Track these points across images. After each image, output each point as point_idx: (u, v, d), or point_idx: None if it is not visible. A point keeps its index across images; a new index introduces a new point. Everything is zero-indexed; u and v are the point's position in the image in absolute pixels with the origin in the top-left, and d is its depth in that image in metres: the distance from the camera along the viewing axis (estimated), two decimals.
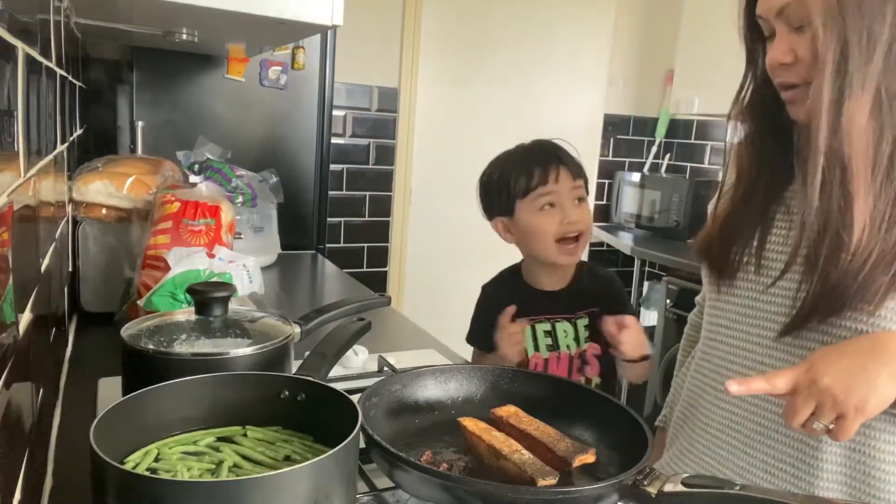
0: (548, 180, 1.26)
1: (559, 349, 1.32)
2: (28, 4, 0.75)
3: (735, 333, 0.93)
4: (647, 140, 3.70)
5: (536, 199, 1.27)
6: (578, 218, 1.27)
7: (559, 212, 1.27)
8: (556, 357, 1.32)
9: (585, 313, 1.33)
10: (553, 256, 1.29)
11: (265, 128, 2.35)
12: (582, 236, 1.29)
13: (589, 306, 1.33)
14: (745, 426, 0.91)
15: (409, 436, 0.81)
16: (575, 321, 1.33)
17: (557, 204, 1.27)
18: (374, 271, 3.15)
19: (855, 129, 0.75)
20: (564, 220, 1.26)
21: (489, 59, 3.22)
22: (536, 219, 1.27)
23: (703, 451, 0.98)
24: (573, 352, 1.32)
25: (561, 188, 1.27)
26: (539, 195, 1.27)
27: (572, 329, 1.32)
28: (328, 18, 1.20)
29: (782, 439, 0.87)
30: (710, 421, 0.97)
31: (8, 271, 0.57)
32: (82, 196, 1.40)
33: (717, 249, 0.95)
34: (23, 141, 0.68)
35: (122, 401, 0.66)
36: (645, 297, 3.54)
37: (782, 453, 0.87)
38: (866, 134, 0.76)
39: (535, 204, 1.27)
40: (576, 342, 1.32)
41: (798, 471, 0.86)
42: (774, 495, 0.61)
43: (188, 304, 1.01)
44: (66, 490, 0.80)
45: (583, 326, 1.33)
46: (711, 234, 0.96)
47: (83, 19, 1.46)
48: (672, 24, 3.29)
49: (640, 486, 0.64)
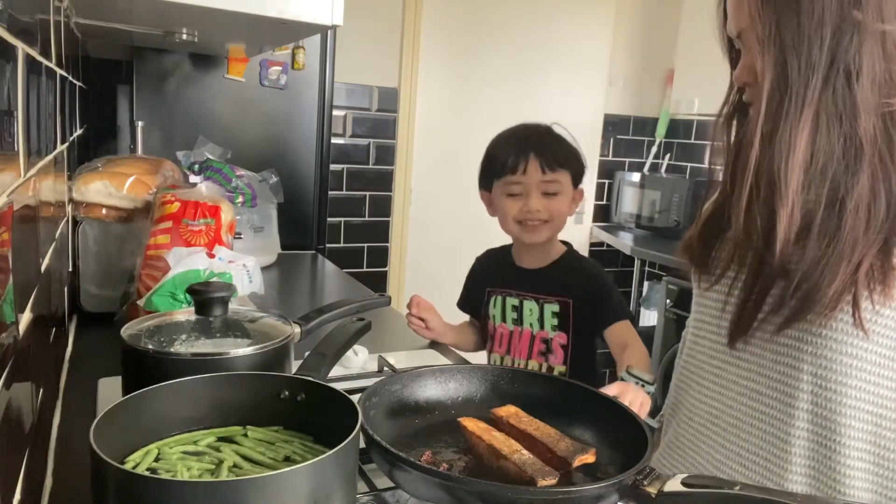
0: (517, 170, 1.36)
1: (522, 325, 1.42)
2: (28, 4, 0.75)
3: (716, 329, 0.95)
4: (647, 140, 3.70)
5: (506, 185, 1.38)
6: (540, 208, 1.35)
7: (523, 200, 1.36)
8: (518, 332, 1.43)
9: (556, 300, 1.39)
10: (515, 232, 1.41)
11: (265, 128, 2.35)
12: (547, 222, 1.37)
13: (560, 293, 1.39)
14: (724, 420, 0.94)
15: (409, 436, 0.81)
16: (543, 303, 1.40)
17: (523, 193, 1.36)
18: (374, 271, 3.15)
19: (790, 150, 0.77)
20: (524, 209, 1.36)
21: (489, 59, 3.22)
22: (504, 202, 1.39)
23: (687, 446, 1.00)
24: (535, 331, 1.41)
25: (528, 179, 1.35)
26: (508, 182, 1.38)
27: (538, 309, 1.41)
28: (328, 18, 1.20)
29: (756, 433, 0.90)
30: (692, 415, 0.99)
31: (8, 271, 0.57)
32: (82, 196, 1.40)
33: (697, 248, 0.98)
34: (23, 141, 0.68)
35: (122, 401, 0.66)
36: (645, 297, 3.55)
37: (756, 446, 0.90)
38: (803, 154, 0.78)
39: (505, 189, 1.39)
40: (539, 323, 1.41)
41: (770, 464, 0.88)
42: (774, 495, 0.61)
43: (188, 304, 1.01)
44: (66, 490, 0.80)
45: (550, 312, 1.39)
46: (693, 234, 1.00)
47: (83, 19, 1.46)
48: (672, 24, 3.30)
49: (640, 486, 0.64)
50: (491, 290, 1.47)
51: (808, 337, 0.83)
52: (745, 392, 0.91)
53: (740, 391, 0.91)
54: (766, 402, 0.88)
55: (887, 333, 0.80)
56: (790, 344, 0.85)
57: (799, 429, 0.85)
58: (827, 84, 0.77)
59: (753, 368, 0.89)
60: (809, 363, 0.83)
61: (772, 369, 0.87)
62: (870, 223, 0.78)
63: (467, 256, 1.61)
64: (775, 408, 0.87)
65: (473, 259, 1.59)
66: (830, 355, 0.82)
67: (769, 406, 0.88)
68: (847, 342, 0.80)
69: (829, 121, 0.77)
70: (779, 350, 0.86)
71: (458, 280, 1.59)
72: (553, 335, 1.39)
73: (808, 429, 0.85)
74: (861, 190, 0.77)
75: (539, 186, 1.35)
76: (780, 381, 0.86)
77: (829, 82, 0.77)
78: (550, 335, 1.39)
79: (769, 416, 0.88)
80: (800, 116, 0.77)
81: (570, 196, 1.39)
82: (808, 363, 0.83)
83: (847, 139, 0.78)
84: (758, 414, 0.89)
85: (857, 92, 0.77)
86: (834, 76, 0.77)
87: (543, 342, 1.40)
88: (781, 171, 0.78)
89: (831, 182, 0.78)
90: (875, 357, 0.81)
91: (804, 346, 0.83)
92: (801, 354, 0.84)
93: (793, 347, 0.85)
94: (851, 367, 0.81)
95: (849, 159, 0.78)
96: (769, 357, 0.87)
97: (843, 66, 0.76)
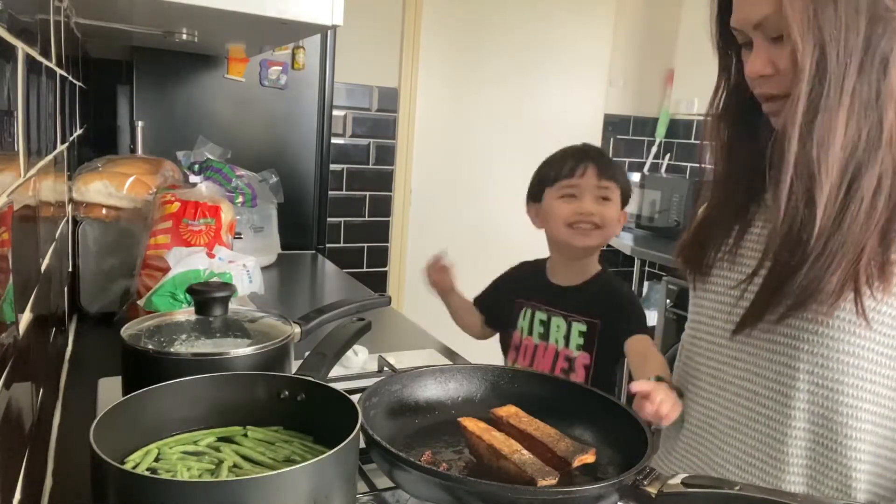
0: (574, 174, 1.36)
1: (548, 341, 1.41)
2: (28, 4, 0.75)
3: (712, 330, 0.95)
4: (647, 140, 3.70)
5: (561, 188, 1.38)
6: (594, 210, 1.35)
7: (577, 202, 1.36)
8: (543, 347, 1.41)
9: (584, 320, 1.37)
10: (565, 237, 1.38)
11: (265, 128, 2.35)
12: (598, 228, 1.36)
13: (589, 314, 1.37)
14: (721, 422, 0.94)
15: (409, 436, 0.81)
16: (571, 321, 1.38)
17: (578, 196, 1.36)
18: (374, 271, 3.15)
19: (828, 140, 0.77)
20: (578, 210, 1.35)
21: (489, 59, 3.22)
22: (556, 205, 1.38)
23: (685, 448, 1.00)
24: (559, 348, 1.39)
25: (584, 182, 1.36)
26: (563, 185, 1.37)
27: (565, 327, 1.39)
28: (328, 18, 1.20)
29: (753, 434, 0.90)
30: (689, 418, 0.99)
31: (8, 271, 0.57)
32: (82, 196, 1.40)
33: (692, 250, 0.98)
34: (23, 141, 0.68)
35: (122, 401, 0.66)
36: (645, 297, 3.54)
37: (753, 448, 0.90)
38: (841, 144, 0.77)
39: (559, 192, 1.38)
40: (565, 340, 1.39)
41: (767, 465, 0.88)
42: (774, 495, 0.61)
43: (188, 304, 1.01)
44: (66, 490, 0.80)
45: (577, 331, 1.37)
46: (687, 238, 1.00)
47: (83, 19, 1.46)
48: (672, 24, 3.30)
49: (640, 486, 0.64)
50: (521, 302, 1.46)
51: (805, 335, 0.83)
52: (741, 393, 0.91)
53: (737, 392, 0.91)
54: (762, 403, 0.88)
55: (885, 331, 0.80)
56: (787, 342, 0.85)
57: (796, 429, 0.85)
58: (862, 72, 0.76)
59: (750, 369, 0.89)
60: (806, 361, 0.83)
61: (768, 369, 0.87)
62: (871, 215, 0.77)
63: (467, 256, 1.62)
64: (772, 408, 0.87)
65: (473, 258, 1.60)
66: (827, 353, 0.81)
67: (766, 406, 0.88)
68: (844, 339, 0.80)
69: (860, 110, 0.77)
70: (775, 349, 0.86)
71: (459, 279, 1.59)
72: (577, 354, 1.37)
73: (806, 428, 0.85)
74: (870, 181, 0.77)
75: (594, 190, 1.35)
76: (776, 380, 0.86)
77: (863, 70, 0.76)
78: (574, 354, 1.37)
79: (766, 416, 0.88)
80: (838, 105, 0.76)
81: (620, 208, 1.39)
82: (804, 361, 0.83)
83: (871, 129, 0.77)
84: (754, 415, 0.89)
85: (889, 82, 0.76)
86: (868, 64, 0.76)
87: (567, 360, 1.38)
88: (821, 160, 0.77)
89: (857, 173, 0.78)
90: (873, 354, 0.80)
91: (801, 343, 0.83)
92: (797, 353, 0.84)
93: (789, 346, 0.84)
94: (849, 365, 0.81)
95: (868, 150, 0.77)
96: (765, 356, 0.87)
97: (878, 55, 0.76)
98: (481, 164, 3.29)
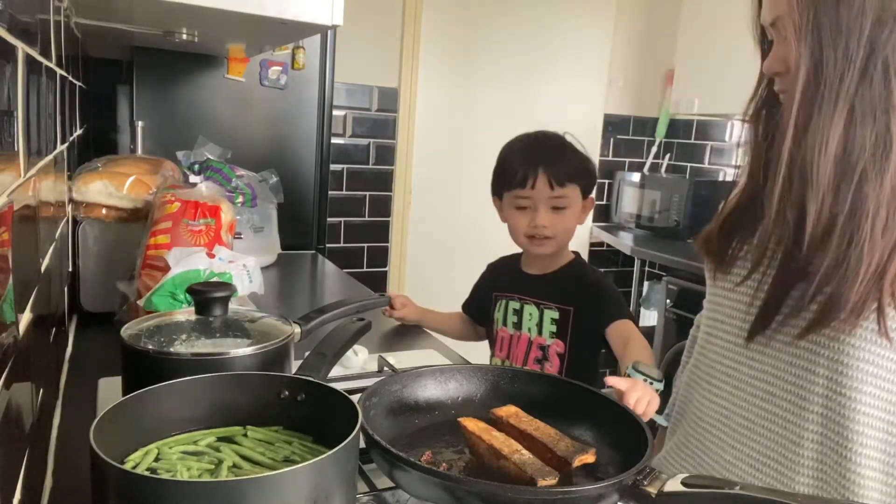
0: (525, 185, 1.35)
1: (521, 330, 1.42)
2: (28, 4, 0.75)
3: (729, 328, 0.94)
4: (647, 140, 3.70)
5: (515, 198, 1.38)
6: (547, 223, 1.36)
7: (531, 214, 1.37)
8: (517, 336, 1.43)
9: (556, 306, 1.38)
10: (524, 245, 1.42)
11: (265, 128, 2.35)
12: (552, 238, 1.37)
13: (561, 300, 1.38)
14: (734, 420, 0.93)
15: (409, 436, 0.81)
16: (543, 309, 1.40)
17: (531, 207, 1.37)
18: (374, 271, 3.15)
19: (822, 143, 0.75)
20: (531, 223, 1.36)
21: (489, 59, 3.22)
22: (512, 214, 1.40)
23: (696, 446, 0.99)
24: (532, 337, 1.41)
25: (536, 194, 1.35)
26: (516, 196, 1.38)
27: (537, 314, 1.41)
28: (328, 18, 1.20)
29: (768, 434, 0.89)
30: (702, 415, 0.98)
31: (8, 271, 0.57)
32: (82, 196, 1.40)
33: (716, 242, 0.96)
34: (23, 141, 0.68)
35: (122, 401, 0.66)
36: (645, 297, 3.54)
37: (767, 448, 0.89)
38: (835, 148, 0.76)
39: (513, 202, 1.39)
40: (537, 328, 1.40)
41: (781, 466, 0.87)
42: (775, 495, 0.61)
43: (188, 304, 1.01)
44: (66, 490, 0.80)
45: (549, 318, 1.39)
46: (713, 228, 0.98)
47: (83, 19, 1.46)
48: (672, 24, 3.29)
49: (640, 486, 0.64)
50: (497, 295, 1.48)
51: (827, 342, 0.81)
52: (757, 393, 0.89)
53: (753, 391, 0.90)
54: (778, 404, 0.87)
55: None
56: (808, 347, 0.83)
57: (810, 431, 0.84)
58: (864, 77, 0.74)
59: (768, 370, 0.88)
60: (826, 367, 0.82)
61: (787, 371, 0.86)
62: (888, 226, 0.75)
63: (467, 256, 1.62)
64: (788, 410, 0.86)
65: (473, 259, 1.60)
66: (848, 361, 0.80)
67: (782, 408, 0.87)
68: (866, 349, 0.79)
69: (864, 116, 0.75)
70: (796, 353, 0.85)
71: (458, 279, 1.59)
72: (550, 342, 1.38)
73: (820, 432, 0.84)
74: (883, 191, 0.75)
75: (547, 202, 1.35)
76: (794, 383, 0.85)
77: (866, 75, 0.74)
78: (548, 342, 1.38)
79: (781, 417, 0.87)
80: (834, 109, 0.75)
81: (579, 208, 1.39)
82: (824, 367, 0.82)
83: (878, 136, 0.75)
84: (769, 415, 0.88)
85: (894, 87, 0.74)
86: (872, 69, 0.74)
87: (540, 349, 1.39)
88: (814, 163, 0.76)
89: (859, 180, 0.76)
90: (893, 365, 0.79)
91: (822, 349, 0.82)
92: (818, 358, 0.83)
93: (810, 351, 0.83)
94: (868, 374, 0.80)
95: (877, 158, 0.75)
96: (785, 359, 0.86)
97: (881, 60, 0.74)
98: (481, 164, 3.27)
